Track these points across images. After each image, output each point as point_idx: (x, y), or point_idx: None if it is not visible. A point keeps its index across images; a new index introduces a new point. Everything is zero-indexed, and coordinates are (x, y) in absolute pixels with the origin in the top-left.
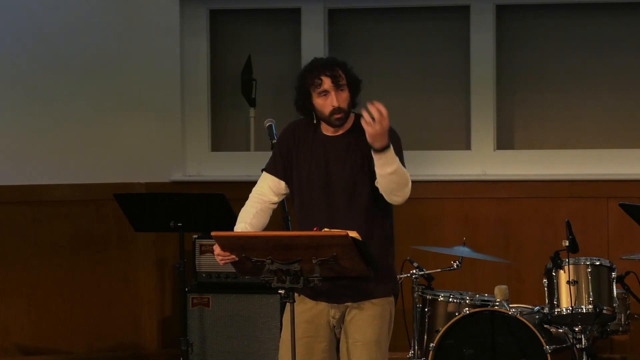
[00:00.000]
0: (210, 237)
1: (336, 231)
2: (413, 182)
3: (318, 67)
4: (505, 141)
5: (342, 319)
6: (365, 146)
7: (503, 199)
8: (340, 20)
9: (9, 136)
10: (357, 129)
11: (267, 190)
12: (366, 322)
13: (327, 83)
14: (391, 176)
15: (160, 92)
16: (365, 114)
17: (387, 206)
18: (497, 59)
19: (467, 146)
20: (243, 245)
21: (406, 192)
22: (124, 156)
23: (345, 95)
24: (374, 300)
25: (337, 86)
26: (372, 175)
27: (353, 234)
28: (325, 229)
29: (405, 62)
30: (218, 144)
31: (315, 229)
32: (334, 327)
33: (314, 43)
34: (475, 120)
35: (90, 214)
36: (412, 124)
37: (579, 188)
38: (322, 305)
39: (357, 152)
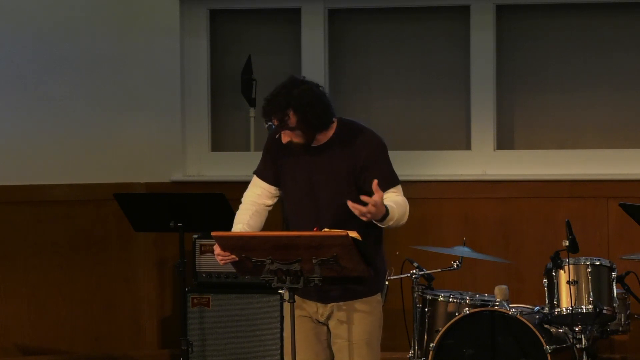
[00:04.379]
0: (210, 237)
1: (336, 231)
2: (413, 182)
3: (271, 105)
4: (505, 141)
5: (329, 317)
6: (350, 153)
7: (503, 199)
8: (340, 20)
9: (9, 136)
10: (341, 136)
11: (260, 193)
12: (356, 322)
13: (275, 121)
14: (391, 222)
15: (160, 92)
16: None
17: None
18: (497, 59)
19: (467, 146)
20: (243, 245)
21: (406, 218)
22: (124, 156)
23: (296, 132)
24: (361, 299)
25: (283, 128)
26: (358, 183)
27: (353, 234)
28: (326, 229)
29: (405, 62)
30: (218, 144)
31: (315, 229)
32: (323, 323)
33: (314, 43)
34: (475, 120)
35: (90, 214)
36: (412, 124)
37: (579, 188)
38: (312, 304)
39: (341, 160)
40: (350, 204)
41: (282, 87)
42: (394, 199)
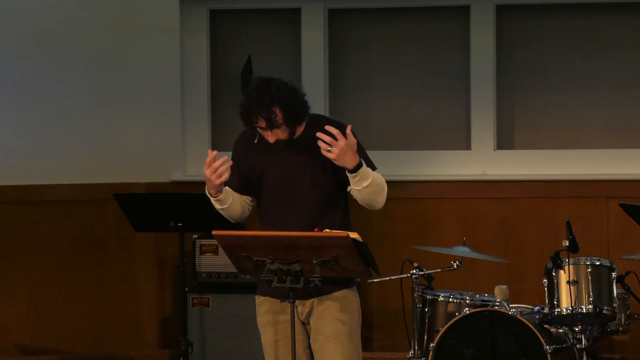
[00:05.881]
0: (211, 237)
1: (337, 232)
2: (413, 182)
3: (255, 106)
4: (505, 141)
5: (310, 314)
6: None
7: (503, 199)
8: (340, 20)
9: (9, 136)
10: (312, 128)
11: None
12: (336, 316)
13: (262, 122)
14: (368, 189)
15: (160, 92)
16: (322, 144)
17: (345, 205)
18: (497, 59)
19: (467, 146)
20: (244, 244)
21: (384, 197)
22: (124, 156)
23: (282, 129)
24: (338, 293)
25: (271, 127)
26: (331, 177)
27: (354, 235)
28: (326, 230)
29: (405, 62)
30: (218, 144)
31: (316, 229)
32: (304, 323)
33: (314, 43)
34: (475, 120)
35: (90, 214)
36: (412, 124)
37: (579, 188)
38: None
39: (314, 156)
40: (319, 134)
41: (256, 89)
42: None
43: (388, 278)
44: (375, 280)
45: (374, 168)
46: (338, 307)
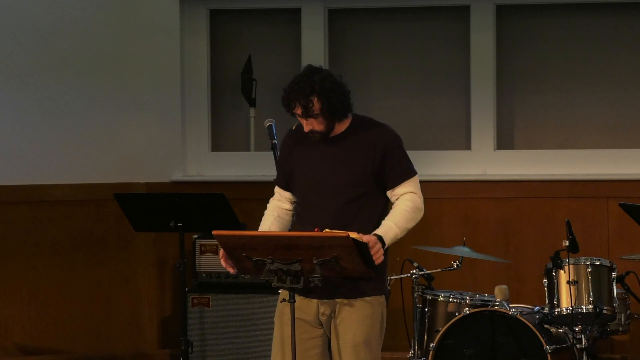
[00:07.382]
0: (211, 237)
1: (337, 232)
2: None
3: (294, 92)
4: (505, 141)
5: (331, 316)
6: (367, 144)
7: (503, 199)
8: (340, 20)
9: (9, 136)
10: (356, 128)
11: (279, 198)
12: (356, 323)
13: (299, 110)
14: (398, 238)
15: (160, 92)
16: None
17: (382, 210)
18: (497, 59)
19: (467, 146)
20: (244, 244)
21: (419, 217)
22: (124, 156)
23: (319, 120)
24: (365, 299)
25: (307, 116)
26: (370, 178)
27: (354, 235)
28: (327, 230)
29: (405, 62)
30: (218, 144)
31: (316, 229)
32: (324, 324)
33: (314, 43)
34: (475, 120)
35: (90, 214)
36: (412, 124)
37: (579, 188)
38: (313, 302)
39: (355, 154)
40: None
41: (302, 76)
42: (400, 209)
43: (388, 278)
44: None
45: (414, 173)
46: (360, 313)
